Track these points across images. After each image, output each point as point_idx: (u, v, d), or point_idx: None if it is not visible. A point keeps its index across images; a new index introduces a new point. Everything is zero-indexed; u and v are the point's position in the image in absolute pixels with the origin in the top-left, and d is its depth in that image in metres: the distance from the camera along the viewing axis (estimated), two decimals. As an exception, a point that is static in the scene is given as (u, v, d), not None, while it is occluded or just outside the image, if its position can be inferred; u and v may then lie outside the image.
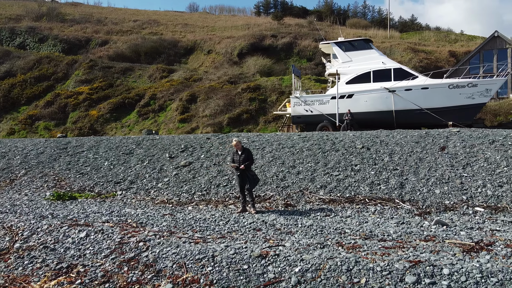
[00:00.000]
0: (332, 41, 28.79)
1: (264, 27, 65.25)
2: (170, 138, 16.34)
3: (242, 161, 8.91)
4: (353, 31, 69.32)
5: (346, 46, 27.10)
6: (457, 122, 22.10)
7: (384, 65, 25.15)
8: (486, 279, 4.54)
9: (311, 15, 79.01)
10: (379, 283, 4.70)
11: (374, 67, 25.14)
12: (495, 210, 8.18)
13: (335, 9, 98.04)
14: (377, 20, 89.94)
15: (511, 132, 12.01)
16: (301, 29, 64.88)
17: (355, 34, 67.51)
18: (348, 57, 26.37)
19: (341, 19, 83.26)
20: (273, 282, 4.98)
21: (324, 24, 73.96)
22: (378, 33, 70.15)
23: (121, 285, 5.39)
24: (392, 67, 24.99)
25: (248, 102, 36.45)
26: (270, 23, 69.38)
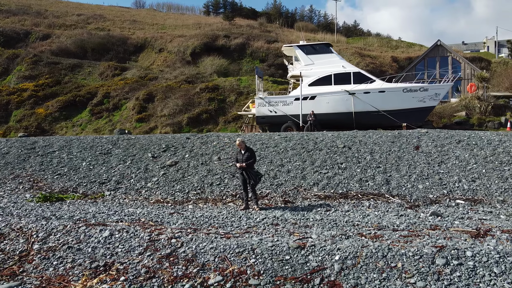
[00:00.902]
0: (295, 44, 29.71)
1: (216, 27, 65.36)
2: (147, 138, 16.18)
3: (245, 160, 9.25)
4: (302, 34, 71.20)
5: (308, 50, 28.11)
6: (410, 123, 23.85)
7: (344, 69, 26.46)
8: (504, 258, 5.30)
9: (261, 17, 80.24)
10: (414, 266, 5.31)
11: (335, 70, 26.36)
12: (474, 202, 9.24)
13: (283, 11, 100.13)
14: (323, 24, 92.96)
15: (472, 133, 13.43)
16: (252, 30, 65.76)
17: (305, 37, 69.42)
18: (310, 60, 27.38)
19: (289, 22, 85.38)
20: (317, 270, 5.43)
21: (274, 26, 75.46)
22: (326, 37, 72.64)
23: (168, 279, 5.58)
24: (351, 71, 26.37)
25: (207, 102, 36.50)
26: (222, 23, 69.59)
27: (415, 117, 24.79)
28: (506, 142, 12.54)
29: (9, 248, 6.73)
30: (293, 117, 25.87)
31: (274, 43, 60.91)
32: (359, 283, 5.12)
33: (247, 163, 9.19)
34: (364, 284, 5.10)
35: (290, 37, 67.05)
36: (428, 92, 25.05)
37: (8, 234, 7.15)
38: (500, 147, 12.21)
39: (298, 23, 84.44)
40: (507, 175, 10.49)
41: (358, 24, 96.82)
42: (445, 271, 5.20)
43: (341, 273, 5.34)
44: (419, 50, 71.59)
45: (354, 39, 79.56)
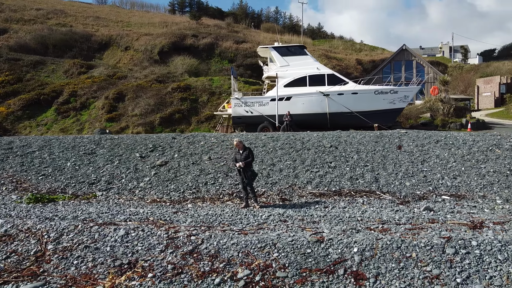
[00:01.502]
0: (271, 45, 30.13)
1: (183, 26, 64.92)
2: (131, 137, 16.03)
3: (243, 159, 9.47)
4: (269, 35, 72.18)
5: (283, 51, 28.60)
6: (381, 124, 24.88)
7: (319, 71, 27.18)
8: (505, 246, 5.88)
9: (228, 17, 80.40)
10: (427, 255, 5.79)
11: (310, 72, 27.03)
12: (458, 198, 9.96)
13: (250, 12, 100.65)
14: (289, 26, 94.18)
15: (448, 134, 14.32)
16: (220, 31, 65.87)
17: (272, 38, 70.36)
18: (285, 61, 27.88)
19: (256, 23, 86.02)
20: (339, 262, 5.80)
21: (241, 27, 75.87)
22: (293, 38, 73.87)
23: (196, 274, 5.77)
24: (325, 72, 27.13)
25: (180, 102, 36.25)
26: (189, 23, 69.19)
27: (386, 118, 25.89)
28: (479, 142, 13.50)
29: (21, 249, 6.65)
30: (269, 117, 26.28)
31: (242, 44, 61.26)
32: (380, 272, 5.52)
33: (246, 162, 9.42)
34: (385, 273, 5.50)
35: (258, 38, 67.69)
36: (397, 94, 26.23)
37: (16, 235, 7.04)
38: (475, 146, 13.14)
39: (264, 24, 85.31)
40: (484, 173, 11.35)
41: (322, 27, 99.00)
42: (456, 259, 5.69)
43: (362, 263, 5.71)
44: (381, 53, 74.31)
45: (320, 41, 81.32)
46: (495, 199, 9.84)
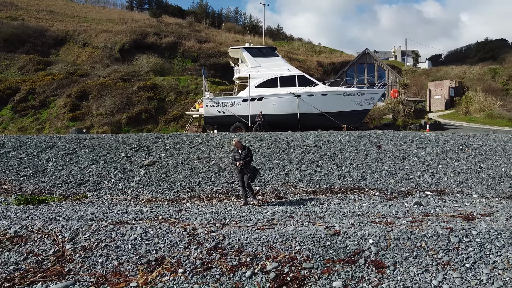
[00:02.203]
0: (242, 46, 30.39)
1: (144, 24, 63.77)
2: (112, 137, 15.76)
3: (242, 158, 9.75)
4: (231, 35, 72.41)
5: (255, 52, 28.98)
6: (349, 125, 25.91)
7: (290, 72, 27.83)
8: (501, 234, 6.60)
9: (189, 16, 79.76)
10: (435, 244, 6.38)
11: (281, 73, 27.60)
12: (439, 193, 10.79)
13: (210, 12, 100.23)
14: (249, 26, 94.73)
15: (421, 134, 15.31)
16: (182, 29, 65.32)
17: (234, 39, 70.77)
18: (257, 62, 28.28)
19: (216, 22, 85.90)
20: (358, 252, 6.27)
21: (202, 26, 75.49)
22: (254, 39, 74.37)
23: (226, 268, 6.03)
24: (296, 74, 27.82)
25: (147, 101, 35.69)
26: (149, 20, 68.02)
27: (354, 119, 26.97)
28: (450, 142, 14.57)
29: (38, 249, 6.60)
30: (241, 117, 26.58)
31: (205, 43, 61.09)
32: (397, 260, 6.04)
33: (245, 161, 9.70)
34: (401, 261, 6.02)
35: (220, 38, 67.73)
36: (364, 96, 27.41)
37: (28, 236, 6.96)
38: (447, 146, 14.18)
39: (225, 24, 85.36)
40: (458, 170, 12.32)
41: (281, 28, 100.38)
42: (461, 247, 6.33)
43: (379, 253, 6.21)
44: (340, 56, 76.66)
45: (281, 42, 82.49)
46: (472, 194, 10.76)
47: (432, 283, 5.55)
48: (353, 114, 27.14)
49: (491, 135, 16.65)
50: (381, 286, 5.51)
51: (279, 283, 5.69)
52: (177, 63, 56.34)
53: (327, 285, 5.57)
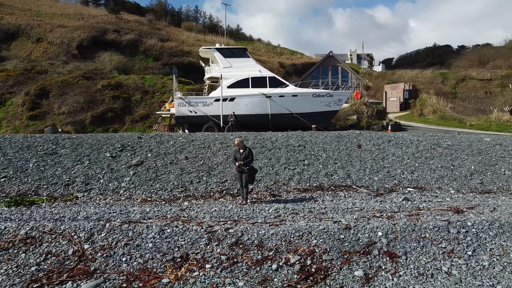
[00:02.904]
0: (214, 47, 30.43)
1: (102, 20, 62.01)
2: (92, 137, 15.40)
3: (243, 158, 9.99)
4: (192, 34, 71.85)
5: (226, 53, 29.15)
6: (318, 125, 26.73)
7: (261, 73, 28.26)
8: (492, 224, 7.33)
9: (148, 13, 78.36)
10: (437, 235, 7.00)
11: (252, 74, 27.97)
12: (421, 189, 11.59)
13: (169, 10, 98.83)
14: (209, 26, 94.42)
15: (395, 134, 16.20)
16: (142, 27, 64.17)
17: (195, 38, 70.36)
18: (228, 63, 28.47)
19: (176, 21, 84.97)
20: (371, 244, 6.76)
21: (162, 24, 74.41)
22: (216, 39, 74.25)
23: (251, 262, 6.32)
24: (267, 75, 28.31)
25: (112, 100, 34.81)
26: (107, 16, 66.22)
27: (323, 119, 27.84)
28: (423, 142, 15.57)
29: (55, 250, 6.57)
30: (213, 117, 26.68)
31: (167, 42, 60.35)
32: (407, 250, 6.58)
33: (245, 161, 9.95)
34: (411, 251, 6.58)
35: (181, 37, 67.09)
36: (333, 98, 28.38)
37: (41, 237, 6.88)
38: (420, 145, 15.15)
39: (185, 23, 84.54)
40: (434, 168, 13.24)
41: (241, 29, 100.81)
42: (460, 237, 6.98)
43: (390, 244, 6.73)
44: (301, 57, 78.19)
45: (243, 43, 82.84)
46: (449, 190, 11.65)
47: (442, 270, 6.11)
48: (322, 115, 28.02)
49: (458, 136, 17.93)
50: (399, 274, 6.00)
51: (306, 274, 6.04)
52: (139, 62, 55.24)
53: (349, 274, 5.99)
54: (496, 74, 66.79)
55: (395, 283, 5.75)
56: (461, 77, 67.61)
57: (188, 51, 60.80)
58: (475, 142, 15.88)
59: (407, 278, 5.88)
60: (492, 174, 12.95)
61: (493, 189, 11.90)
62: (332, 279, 5.90)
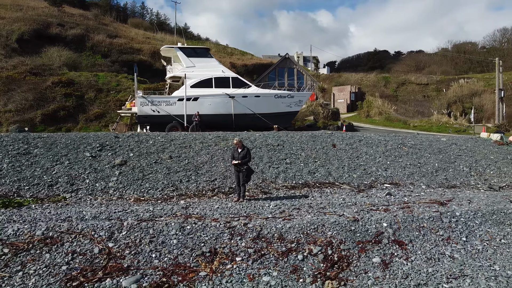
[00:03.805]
0: (177, 46, 30.10)
1: (43, 12, 58.94)
2: (66, 136, 14.86)
3: (241, 158, 10.31)
4: (141, 32, 70.29)
5: (189, 52, 29.03)
6: (279, 126, 27.48)
7: (224, 74, 28.49)
8: (475, 214, 8.31)
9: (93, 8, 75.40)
10: (433, 224, 7.84)
11: (215, 74, 28.13)
12: (396, 185, 12.58)
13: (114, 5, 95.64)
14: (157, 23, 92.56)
15: (364, 134, 17.22)
16: (88, 22, 61.88)
17: (144, 35, 68.87)
18: (191, 62, 28.39)
19: (122, 17, 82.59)
20: (379, 234, 7.44)
21: (108, 20, 72.01)
22: (166, 37, 73.30)
23: (278, 254, 6.75)
24: (230, 75, 28.61)
25: (64, 98, 33.30)
26: (48, 9, 63.00)
27: (284, 120, 28.64)
28: (389, 141, 16.76)
29: (79, 249, 6.58)
30: (177, 117, 26.51)
31: (116, 38, 58.61)
32: (411, 239, 7.34)
33: (243, 160, 10.26)
34: (415, 239, 7.33)
35: (130, 34, 65.36)
36: (294, 99, 29.30)
37: (61, 237, 6.83)
38: (388, 145, 16.30)
39: (132, 20, 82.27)
40: (403, 165, 14.37)
41: (189, 27, 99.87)
42: (452, 225, 7.87)
43: (395, 234, 7.45)
44: (251, 58, 79.03)
45: (193, 42, 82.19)
46: (421, 185, 12.76)
47: (446, 254, 6.90)
48: (283, 115, 28.83)
49: (418, 136, 19.43)
50: (411, 259, 6.71)
51: (330, 262, 6.56)
52: (86, 58, 53.15)
53: (368, 261, 6.60)
54: (432, 79, 71.98)
55: (410, 267, 6.43)
56: (401, 81, 72.10)
57: (139, 49, 59.37)
58: (434, 142, 17.36)
59: (418, 263, 6.58)
60: (453, 171, 14.32)
61: (456, 184, 13.20)
62: (355, 266, 6.46)
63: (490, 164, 15.24)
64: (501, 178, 14.09)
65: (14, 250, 6.42)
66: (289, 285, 5.86)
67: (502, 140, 19.25)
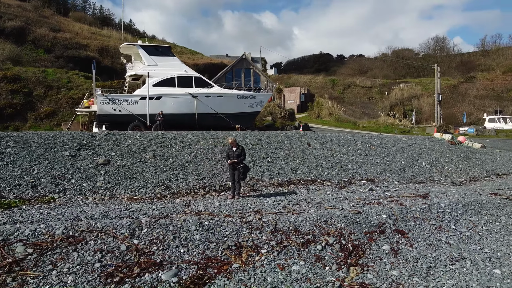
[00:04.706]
0: (138, 44, 29.38)
1: (-25, 2, 54.94)
2: (37, 135, 14.20)
3: (236, 156, 10.61)
4: (85, 26, 67.69)
5: (151, 51, 28.54)
6: (241, 126, 27.92)
7: (187, 73, 28.36)
8: (457, 205, 9.32)
9: (33, 0, 71.18)
10: (424, 215, 8.72)
11: (178, 73, 27.93)
12: (372, 181, 13.50)
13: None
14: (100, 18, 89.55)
15: (335, 134, 18.08)
16: (28, 14, 58.61)
17: (89, 31, 66.37)
18: (153, 61, 27.95)
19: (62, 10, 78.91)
20: (381, 224, 8.16)
21: (49, 12, 68.55)
22: (113, 33, 71.21)
23: (298, 245, 7.23)
24: (193, 75, 28.53)
25: (10, 95, 31.42)
26: (-19, -2, 58.72)
27: (246, 120, 29.11)
28: (358, 141, 17.80)
29: (106, 247, 6.63)
30: (139, 116, 26.03)
31: (60, 33, 56.05)
32: (409, 228, 8.13)
33: (239, 159, 10.57)
34: (412, 228, 8.14)
35: (74, 28, 62.70)
36: (255, 99, 29.85)
37: (82, 236, 6.81)
38: (358, 144, 17.31)
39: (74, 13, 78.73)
40: (375, 163, 15.39)
41: (134, 24, 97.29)
42: (440, 216, 8.79)
43: (395, 224, 8.21)
44: (202, 58, 78.73)
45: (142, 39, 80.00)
46: (393, 181, 13.80)
47: (442, 240, 7.74)
48: (246, 115, 29.29)
49: (382, 136, 20.73)
50: (414, 246, 7.46)
51: (348, 251, 7.14)
52: (27, 52, 50.20)
53: (380, 248, 7.27)
54: (375, 83, 76.19)
55: (417, 252, 7.17)
56: (347, 84, 75.62)
57: (85, 45, 57.13)
58: (397, 142, 18.71)
59: (422, 249, 7.35)
60: (418, 168, 15.59)
61: (423, 179, 14.42)
62: (369, 253, 7.08)
63: (448, 162, 16.76)
64: (458, 174, 15.58)
65: (39, 249, 6.32)
66: (318, 272, 6.33)
67: (453, 140, 21.13)
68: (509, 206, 9.87)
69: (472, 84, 70.19)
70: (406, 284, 6.01)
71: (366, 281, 6.07)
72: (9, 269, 5.84)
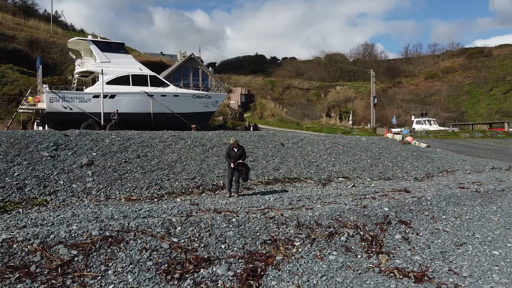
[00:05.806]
0: (89, 39, 27.95)
1: None
2: (4, 134, 13.09)
3: (238, 157, 10.85)
4: (9, 16, 62.93)
5: (104, 47, 27.45)
6: (197, 125, 27.92)
7: (142, 71, 27.65)
8: (439, 197, 10.50)
9: None
10: (419, 206, 9.75)
11: (133, 71, 27.17)
12: (348, 179, 14.47)
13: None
14: (22, 7, 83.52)
15: (304, 134, 18.80)
16: None
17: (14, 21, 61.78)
18: (106, 57, 26.92)
19: (-28, -5, 72.49)
20: (386, 216, 9.00)
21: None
22: (40, 25, 67.07)
23: (324, 237, 7.80)
24: (148, 74, 27.90)
25: None
26: None
27: (201, 120, 29.11)
28: (325, 140, 18.77)
29: (148, 246, 6.70)
30: (93, 115, 24.95)
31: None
32: (412, 219, 9.07)
33: (239, 162, 10.80)
34: (411, 219, 9.09)
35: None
36: (211, 99, 29.94)
37: (121, 236, 6.81)
38: (327, 143, 18.27)
39: (-4, 2, 72.62)
40: (345, 161, 16.42)
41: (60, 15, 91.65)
42: (429, 207, 9.87)
43: (397, 216, 9.11)
44: (139, 55, 76.39)
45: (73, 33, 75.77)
46: (366, 178, 14.89)
47: (440, 229, 8.75)
48: (201, 115, 29.28)
49: (345, 136, 21.95)
50: (420, 235, 8.36)
51: (369, 241, 7.83)
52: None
53: (393, 238, 8.08)
54: (312, 85, 79.47)
55: (425, 239, 8.08)
56: (286, 85, 78.03)
57: (12, 36, 53.07)
58: (359, 141, 20.02)
59: (427, 237, 8.27)
60: (382, 166, 16.92)
61: (390, 176, 15.72)
62: (387, 242, 7.83)
63: (405, 160, 18.36)
64: (416, 171, 17.16)
65: (83, 250, 6.21)
66: (353, 260, 6.93)
67: (403, 140, 23.06)
68: (479, 198, 11.25)
69: (399, 88, 76.07)
70: (432, 266, 6.79)
71: (399, 266, 6.76)
72: (62, 271, 5.70)
